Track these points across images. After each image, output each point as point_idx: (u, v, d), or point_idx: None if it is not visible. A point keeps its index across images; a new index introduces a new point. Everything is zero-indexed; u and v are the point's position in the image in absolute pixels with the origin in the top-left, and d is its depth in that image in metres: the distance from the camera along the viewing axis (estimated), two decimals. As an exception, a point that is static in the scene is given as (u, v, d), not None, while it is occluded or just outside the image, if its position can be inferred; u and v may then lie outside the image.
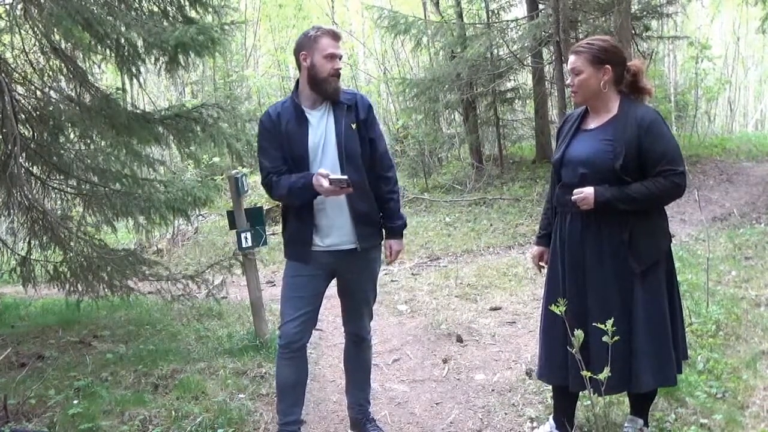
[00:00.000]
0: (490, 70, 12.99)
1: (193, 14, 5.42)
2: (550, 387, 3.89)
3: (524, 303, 5.95)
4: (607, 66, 2.88)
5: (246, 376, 4.51)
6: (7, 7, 5.46)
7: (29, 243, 6.19)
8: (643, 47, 14.06)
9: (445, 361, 4.72)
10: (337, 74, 3.12)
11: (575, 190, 2.86)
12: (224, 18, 5.64)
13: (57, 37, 5.43)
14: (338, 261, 3.26)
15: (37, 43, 5.72)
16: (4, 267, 7.30)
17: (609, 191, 2.80)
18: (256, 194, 11.36)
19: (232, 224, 4.98)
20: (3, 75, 5.50)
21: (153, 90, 16.26)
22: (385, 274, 7.96)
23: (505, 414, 3.77)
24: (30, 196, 5.89)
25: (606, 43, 2.92)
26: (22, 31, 5.58)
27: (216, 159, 12.05)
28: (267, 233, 5.16)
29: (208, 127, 5.66)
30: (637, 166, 2.81)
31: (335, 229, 3.21)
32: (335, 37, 3.13)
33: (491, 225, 10.18)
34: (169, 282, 5.84)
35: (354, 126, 3.19)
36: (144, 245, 10.49)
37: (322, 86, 3.13)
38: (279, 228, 11.05)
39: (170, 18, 5.32)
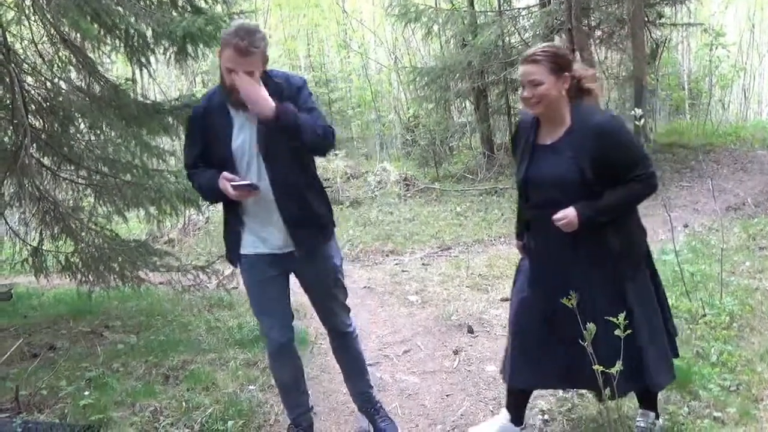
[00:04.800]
0: (501, 59, 12.89)
1: (201, 4, 5.39)
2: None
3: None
4: (566, 73, 2.76)
5: (256, 367, 4.51)
6: (15, -2, 5.46)
7: (41, 233, 6.21)
8: (656, 34, 13.91)
9: (455, 353, 4.71)
10: (235, 90, 2.79)
11: (557, 216, 2.72)
12: (233, 8, 5.61)
13: (66, 28, 5.42)
14: (284, 263, 3.08)
15: (46, 34, 5.71)
16: (17, 257, 7.34)
17: (589, 207, 2.71)
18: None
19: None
20: (13, 66, 5.49)
21: (164, 80, 16.25)
22: (396, 264, 7.95)
23: (516, 406, 3.74)
24: (41, 187, 5.91)
25: (560, 50, 2.81)
26: (31, 22, 5.57)
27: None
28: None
29: (217, 118, 5.63)
30: (605, 176, 2.72)
31: (268, 234, 3.03)
32: (240, 53, 2.73)
33: (502, 214, 10.13)
34: (180, 273, 5.85)
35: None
36: (155, 235, 10.53)
37: (225, 92, 2.90)
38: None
39: (179, 8, 5.29)
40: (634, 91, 12.81)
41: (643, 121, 4.85)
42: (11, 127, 5.85)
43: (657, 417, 3.18)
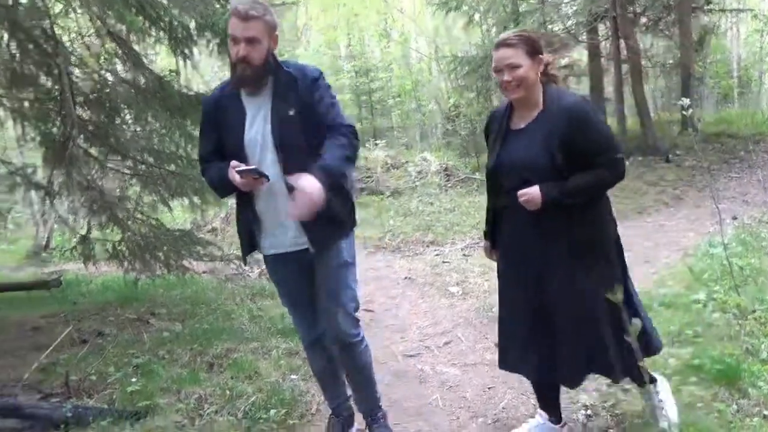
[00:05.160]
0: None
1: (244, -5, 5.42)
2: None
3: (578, 286, 5.83)
4: (541, 56, 2.75)
5: (298, 356, 4.54)
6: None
7: (89, 222, 6.36)
8: (704, 21, 13.56)
9: (497, 345, 4.67)
10: (241, 60, 2.66)
11: (520, 192, 2.72)
12: (275, -1, 5.64)
13: (112, 21, 5.52)
14: (300, 258, 2.94)
15: (92, 27, 5.82)
16: (66, 245, 7.53)
17: (554, 188, 2.69)
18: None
19: (285, 205, 5.01)
20: (61, 58, 5.62)
21: (206, 70, 16.43)
22: (437, 254, 7.93)
23: (559, 400, 3.71)
24: (88, 177, 6.04)
25: (533, 33, 2.81)
26: (78, 15, 5.68)
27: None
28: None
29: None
30: (574, 159, 2.69)
31: (281, 232, 2.90)
32: (240, 17, 2.63)
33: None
34: (223, 262, 5.93)
35: (292, 113, 2.76)
36: (198, 224, 10.68)
37: (231, 71, 2.78)
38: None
39: (221, 0, 5.33)
40: (680, 80, 12.55)
41: (690, 110, 4.72)
42: (60, 119, 5.99)
43: (653, 381, 3.14)
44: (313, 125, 2.77)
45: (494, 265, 3.16)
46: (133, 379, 4.10)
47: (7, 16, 5.58)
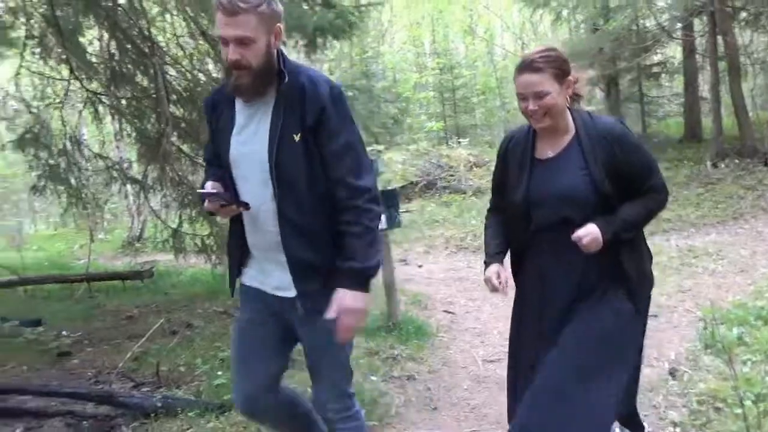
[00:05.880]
0: (635, 44, 12.32)
1: (332, -3, 5.50)
2: (696, 389, 3.67)
3: (668, 295, 5.62)
4: (570, 78, 2.41)
5: (378, 357, 4.56)
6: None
7: (180, 216, 6.61)
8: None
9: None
10: (234, 66, 2.08)
11: (579, 233, 2.30)
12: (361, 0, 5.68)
13: (204, 21, 5.69)
14: (284, 309, 2.28)
15: (186, 28, 6.02)
16: (158, 236, 7.85)
17: (611, 224, 2.35)
18: (390, 171, 11.46)
19: (367, 206, 5.04)
20: (157, 58, 5.85)
21: (292, 67, 16.76)
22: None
23: (645, 415, 3.57)
24: (180, 172, 6.27)
25: (558, 52, 2.42)
26: (173, 17, 5.90)
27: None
28: (400, 214, 5.19)
29: (344, 109, 5.76)
30: (619, 188, 2.39)
31: (269, 272, 2.28)
32: (225, 11, 2.04)
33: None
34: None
35: (297, 137, 2.12)
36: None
37: (227, 77, 2.24)
38: (412, 206, 11.23)
39: (310, 1, 5.42)
40: (783, 77, 11.84)
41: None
42: (154, 116, 6.24)
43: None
44: (319, 156, 2.16)
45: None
46: (219, 372, 4.21)
47: (107, 18, 5.87)
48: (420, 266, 8.03)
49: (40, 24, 6.13)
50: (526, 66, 2.36)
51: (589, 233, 2.31)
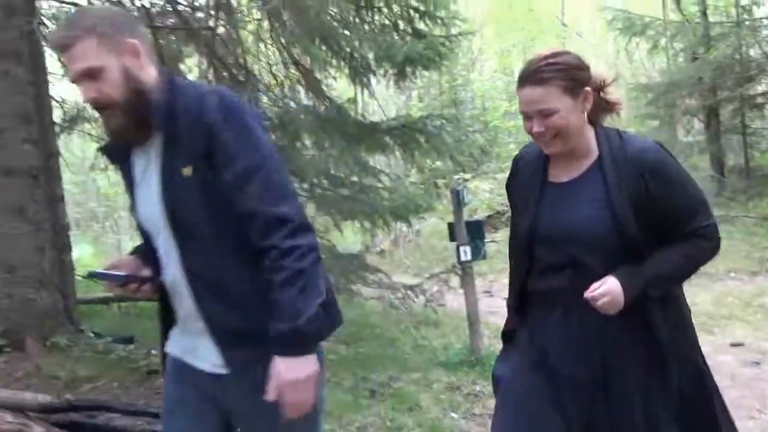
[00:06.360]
0: (738, 73, 11.75)
1: (421, 26, 5.51)
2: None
3: (773, 340, 5.26)
4: (587, 88, 1.86)
5: (459, 392, 4.45)
6: (256, 23, 5.98)
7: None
8: None
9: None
10: (96, 105, 1.69)
11: (592, 292, 1.77)
12: (452, 29, 5.67)
13: (297, 51, 5.82)
14: (213, 389, 1.79)
15: (279, 57, 6.17)
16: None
17: (637, 277, 1.79)
18: (476, 200, 11.34)
19: (452, 237, 5.00)
20: (250, 85, 6.01)
21: (382, 93, 16.95)
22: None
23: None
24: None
25: (569, 57, 1.88)
26: (267, 46, 6.06)
27: (438, 163, 12.29)
28: (486, 244, 5.11)
29: (432, 138, 5.76)
30: (650, 229, 1.83)
31: (194, 338, 1.79)
32: (59, 48, 1.70)
33: (734, 246, 9.18)
34: (389, 289, 6.01)
35: (188, 171, 1.65)
36: (368, 245, 10.95)
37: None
38: (498, 236, 11.04)
39: (400, 31, 5.46)
40: None
41: None
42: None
43: None
44: (219, 188, 1.65)
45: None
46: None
47: (206, 47, 6.09)
48: (505, 299, 7.84)
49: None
50: (528, 77, 1.85)
51: (607, 292, 1.76)
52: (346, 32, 5.14)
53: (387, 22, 5.52)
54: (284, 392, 1.60)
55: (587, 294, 1.77)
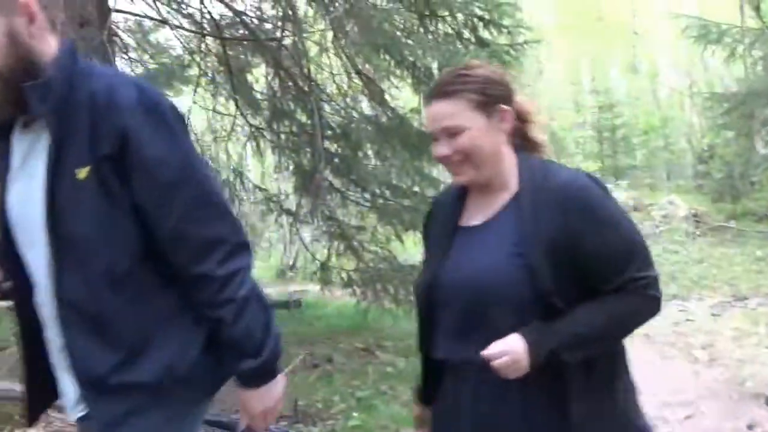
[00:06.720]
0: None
1: (486, 35, 5.44)
2: None
3: None
4: (503, 105, 1.54)
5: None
6: (321, 34, 6.04)
7: (329, 249, 6.74)
8: None
9: (750, 428, 4.07)
10: None
11: (491, 350, 1.41)
12: (517, 38, 5.58)
13: (360, 60, 5.84)
14: None
15: (342, 67, 6.21)
16: (308, 267, 8.08)
17: (547, 335, 1.42)
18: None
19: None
20: (314, 95, 6.06)
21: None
22: (681, 310, 7.24)
23: None
24: (331, 206, 6.42)
25: (488, 70, 1.60)
26: (331, 56, 6.11)
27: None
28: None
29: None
30: (574, 278, 1.46)
31: (62, 378, 1.47)
32: None
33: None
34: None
35: (83, 174, 1.32)
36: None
37: None
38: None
39: (464, 40, 5.41)
40: None
41: None
42: (310, 151, 6.45)
43: None
44: (128, 203, 1.35)
45: (749, 329, 2.24)
46: (355, 414, 4.18)
47: (272, 58, 6.19)
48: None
49: (213, 63, 6.58)
50: (435, 90, 1.57)
51: (506, 351, 1.40)
52: (410, 41, 5.10)
53: (450, 30, 5.47)
54: (256, 422, 1.48)
55: (484, 353, 1.41)
